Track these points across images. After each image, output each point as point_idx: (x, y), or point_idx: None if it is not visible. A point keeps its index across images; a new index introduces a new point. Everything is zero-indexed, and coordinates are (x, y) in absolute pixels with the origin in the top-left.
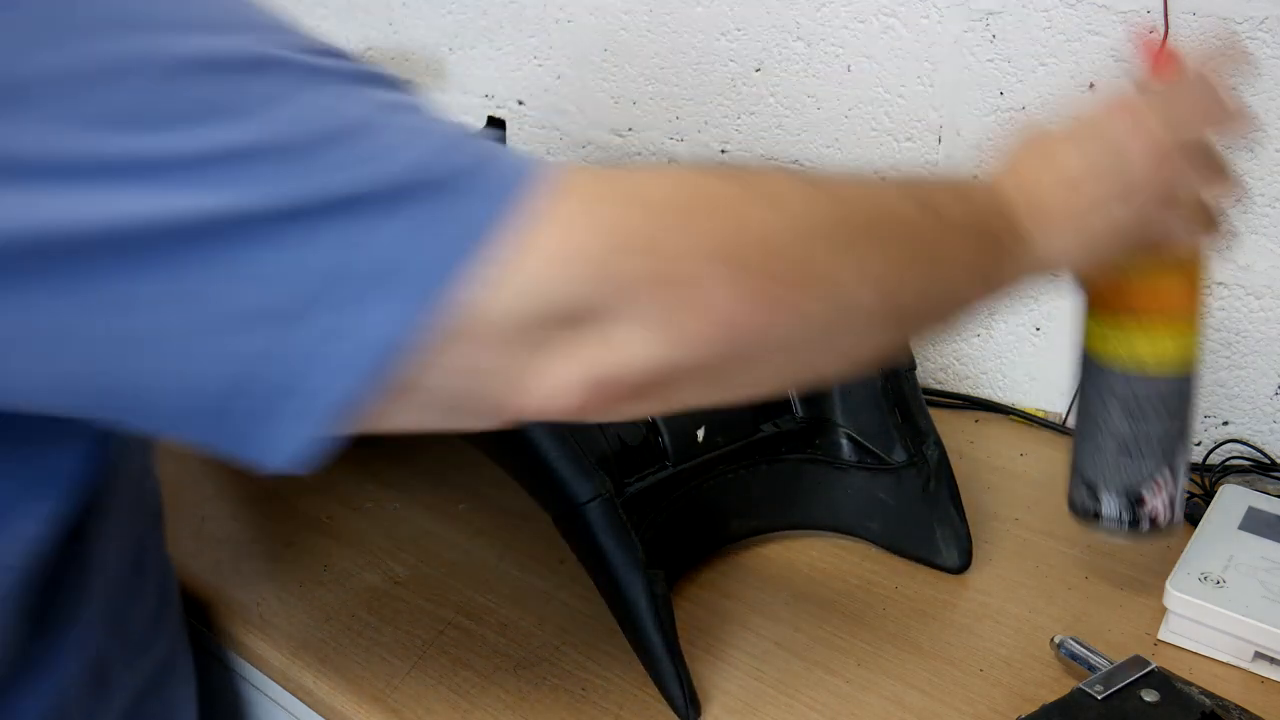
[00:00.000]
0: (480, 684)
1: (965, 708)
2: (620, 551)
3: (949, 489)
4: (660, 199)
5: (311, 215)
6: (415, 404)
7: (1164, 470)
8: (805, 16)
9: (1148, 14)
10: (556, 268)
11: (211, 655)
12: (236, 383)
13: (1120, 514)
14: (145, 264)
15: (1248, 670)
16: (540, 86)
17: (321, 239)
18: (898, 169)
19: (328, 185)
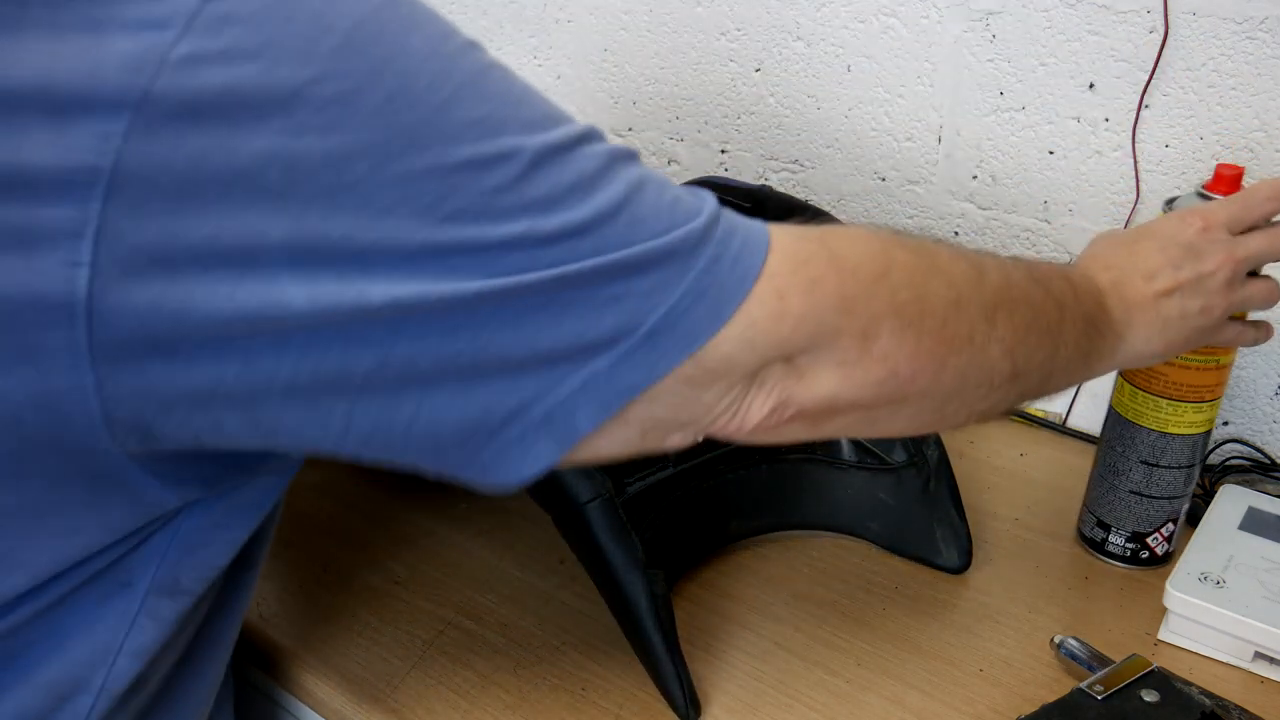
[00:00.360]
0: (480, 684)
1: (965, 708)
2: (620, 551)
3: (949, 489)
4: (854, 264)
5: (600, 278)
6: (633, 430)
7: (1170, 512)
8: (805, 16)
9: (1148, 14)
10: (777, 323)
11: None
12: (508, 416)
13: (1125, 548)
14: (482, 321)
15: (1248, 670)
16: (540, 86)
17: (607, 300)
18: (896, 169)
19: (614, 255)
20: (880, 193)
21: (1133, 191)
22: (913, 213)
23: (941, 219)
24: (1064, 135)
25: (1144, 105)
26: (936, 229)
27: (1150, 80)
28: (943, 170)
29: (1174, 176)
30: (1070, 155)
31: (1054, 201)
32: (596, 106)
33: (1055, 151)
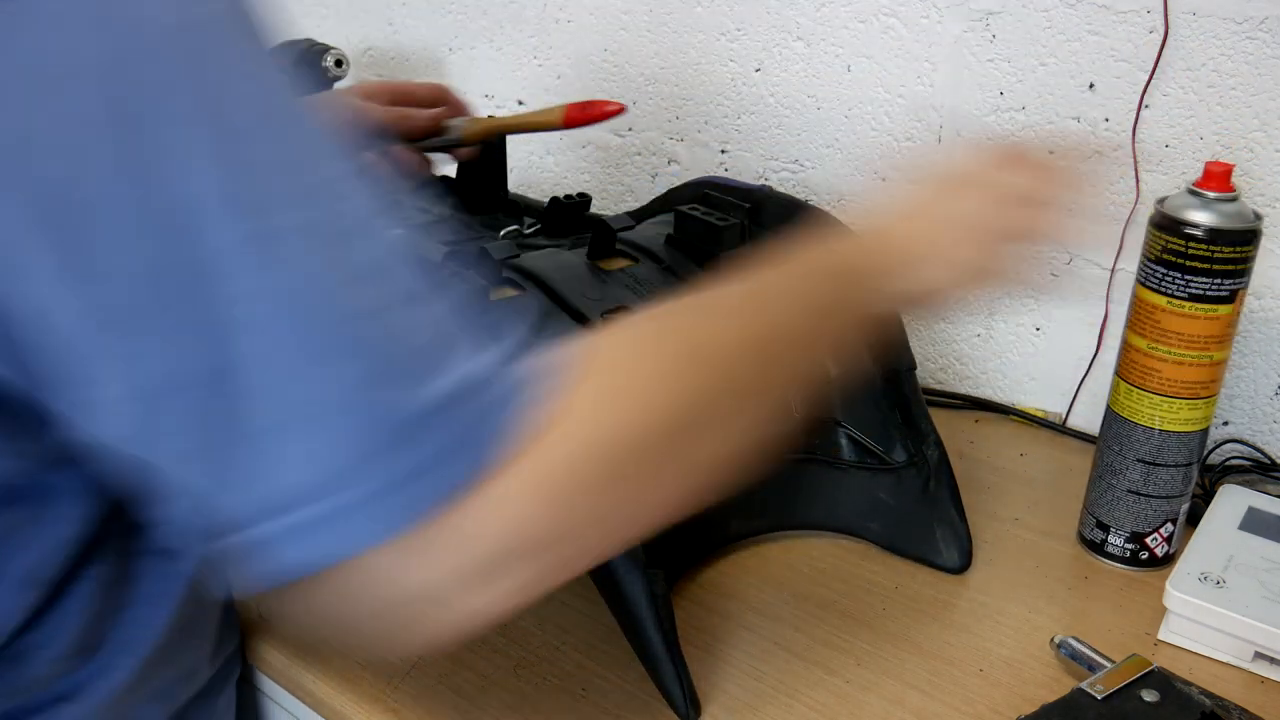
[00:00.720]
0: (480, 684)
1: (965, 708)
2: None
3: (949, 489)
4: (581, 465)
5: None
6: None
7: (1169, 512)
8: (805, 16)
9: (1148, 14)
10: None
11: None
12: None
13: (1124, 549)
14: None
15: (1248, 670)
16: (540, 86)
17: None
18: (896, 168)
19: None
20: (880, 193)
21: (1133, 191)
22: None
23: None
24: (1064, 135)
25: (1144, 105)
26: None
27: (1150, 80)
28: None
29: (1174, 176)
30: (1070, 155)
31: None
32: None
33: (1055, 151)
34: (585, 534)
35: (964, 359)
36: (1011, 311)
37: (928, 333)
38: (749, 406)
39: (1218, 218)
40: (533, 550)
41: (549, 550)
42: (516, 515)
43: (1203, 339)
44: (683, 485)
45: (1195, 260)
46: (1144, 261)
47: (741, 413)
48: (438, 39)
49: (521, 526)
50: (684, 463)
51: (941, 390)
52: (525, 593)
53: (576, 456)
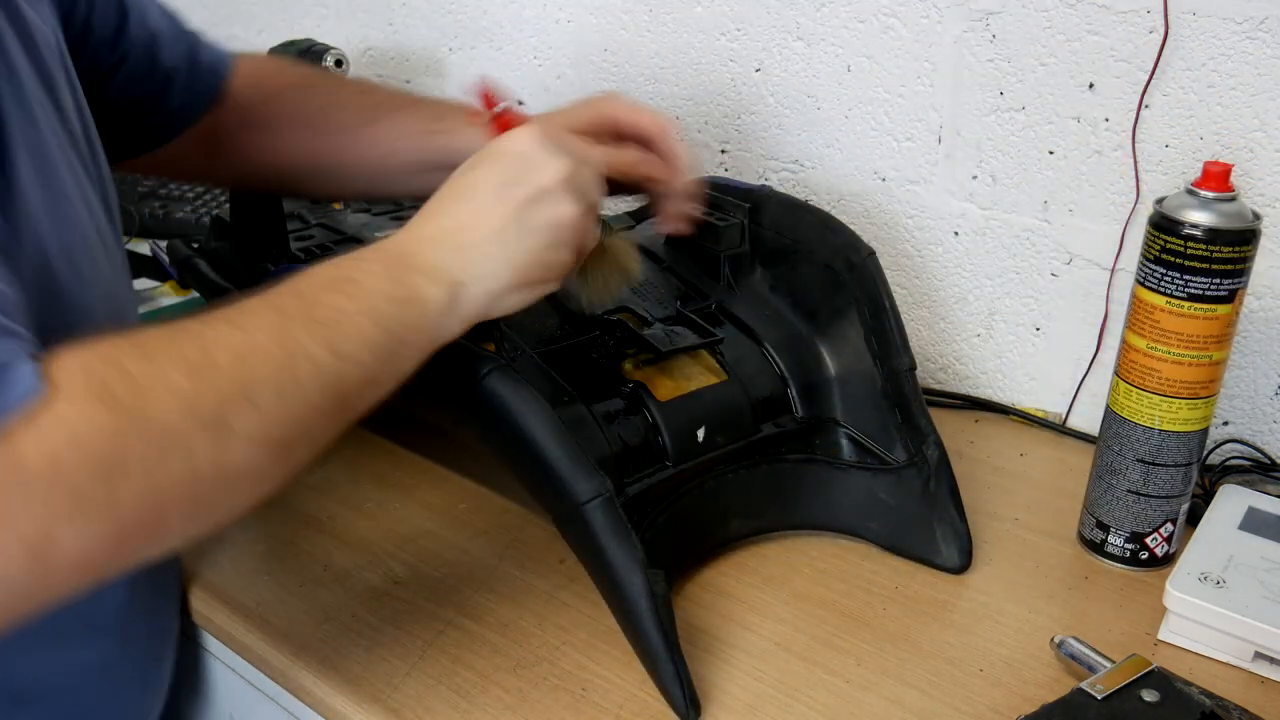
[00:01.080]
0: (480, 684)
1: (965, 708)
2: (620, 551)
3: (949, 489)
4: (23, 459)
5: None
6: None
7: (1168, 512)
8: (805, 16)
9: (1148, 14)
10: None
11: (211, 654)
12: None
13: (1124, 549)
14: None
15: (1248, 670)
16: (540, 86)
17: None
18: (896, 169)
19: None
20: (880, 193)
21: (1133, 191)
22: (912, 213)
23: (941, 219)
24: (1064, 135)
25: (1144, 105)
26: (936, 229)
27: (1150, 80)
28: (943, 170)
29: (1174, 176)
30: (1070, 155)
31: (1054, 201)
32: None
33: (1055, 151)
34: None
35: (964, 359)
36: (1011, 311)
37: (928, 333)
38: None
39: (1216, 218)
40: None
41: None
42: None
43: (1202, 339)
44: (173, 493)
45: (1194, 260)
46: (1143, 261)
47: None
48: (438, 39)
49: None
50: (172, 470)
51: (941, 390)
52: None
53: (59, 445)
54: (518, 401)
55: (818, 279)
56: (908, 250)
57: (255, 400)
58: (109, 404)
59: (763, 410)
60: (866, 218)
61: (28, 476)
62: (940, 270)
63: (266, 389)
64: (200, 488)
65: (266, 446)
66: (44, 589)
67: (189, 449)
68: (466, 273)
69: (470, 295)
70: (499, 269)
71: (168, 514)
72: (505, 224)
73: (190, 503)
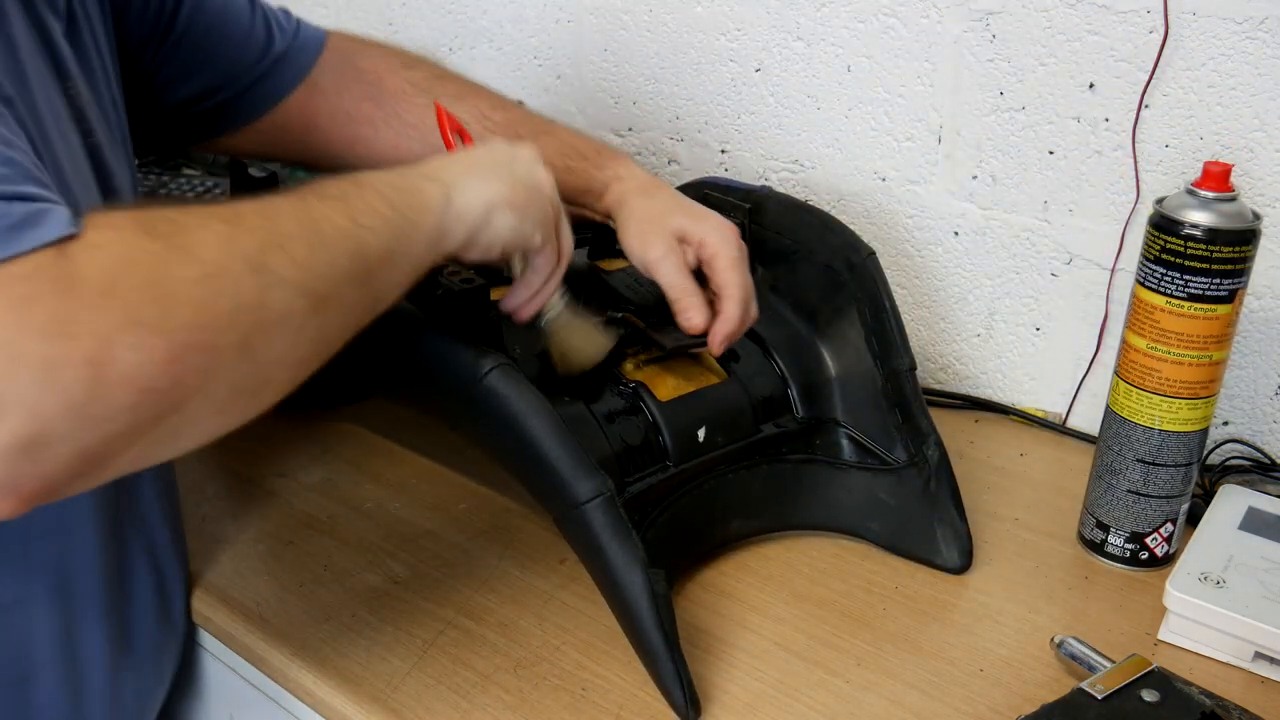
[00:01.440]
0: (480, 684)
1: (965, 708)
2: (621, 551)
3: (950, 489)
4: (82, 276)
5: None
6: None
7: (1168, 512)
8: (805, 16)
9: (1148, 14)
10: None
11: (211, 654)
12: None
13: (1124, 549)
14: None
15: (1248, 670)
16: (540, 86)
17: None
18: (896, 169)
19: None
20: (880, 193)
21: (1133, 191)
22: (913, 212)
23: (941, 219)
24: (1064, 135)
25: (1144, 105)
26: (936, 229)
27: (1150, 80)
28: (943, 170)
29: (1174, 176)
30: (1070, 155)
31: (1054, 201)
32: (596, 106)
33: (1055, 151)
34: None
35: (964, 359)
36: (1011, 311)
37: (928, 333)
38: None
39: (1216, 218)
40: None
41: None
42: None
43: (1202, 339)
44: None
45: (1194, 260)
46: (1143, 261)
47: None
48: (438, 39)
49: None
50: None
51: (941, 390)
52: (38, 452)
53: (114, 264)
54: (519, 401)
55: (818, 279)
56: (908, 250)
57: (287, 248)
58: (154, 235)
59: (763, 410)
60: (866, 218)
61: (86, 294)
62: (940, 270)
63: (296, 241)
64: (245, 322)
65: (303, 293)
66: (100, 403)
67: (234, 282)
68: (462, 178)
69: (466, 196)
70: (491, 182)
71: (217, 344)
72: (495, 161)
73: (238, 337)
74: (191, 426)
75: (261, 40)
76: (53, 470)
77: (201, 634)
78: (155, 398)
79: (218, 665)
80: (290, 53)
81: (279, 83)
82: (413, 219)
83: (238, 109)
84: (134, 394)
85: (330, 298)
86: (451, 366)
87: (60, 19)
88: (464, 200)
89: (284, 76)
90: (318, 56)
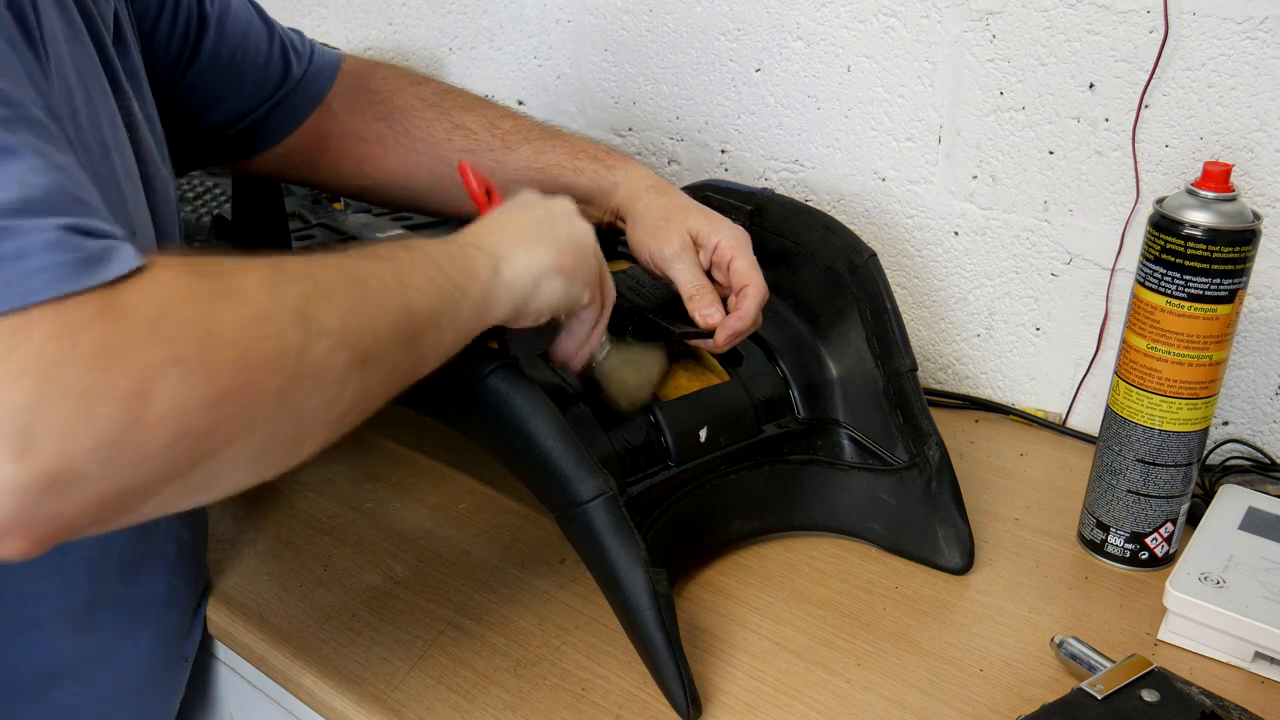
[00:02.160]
0: (480, 684)
1: (965, 708)
2: (623, 550)
3: (951, 489)
4: (128, 307)
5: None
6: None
7: (1168, 512)
8: (805, 16)
9: (1148, 14)
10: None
11: (211, 654)
12: None
13: (1124, 549)
14: None
15: (1248, 670)
16: (540, 86)
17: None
18: (896, 169)
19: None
20: (880, 193)
21: (1133, 191)
22: (913, 213)
23: (941, 219)
24: (1064, 135)
25: (1144, 105)
26: (936, 229)
27: (1150, 80)
28: (943, 170)
29: (1174, 176)
30: (1070, 155)
31: (1054, 201)
32: (596, 106)
33: (1055, 151)
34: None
35: (964, 359)
36: (1011, 311)
37: (928, 333)
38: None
39: (1216, 218)
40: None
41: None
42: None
43: (1202, 339)
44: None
45: (1194, 260)
46: (1143, 261)
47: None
48: (438, 39)
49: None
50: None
51: (941, 390)
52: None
53: (161, 302)
54: (521, 400)
55: (819, 281)
56: (908, 250)
57: (333, 300)
58: (201, 275)
59: (765, 411)
60: (867, 218)
61: (131, 325)
62: (940, 270)
63: (341, 294)
64: (286, 370)
65: (346, 348)
66: (135, 442)
67: (277, 328)
68: (510, 249)
69: (514, 268)
70: (537, 249)
71: (258, 389)
72: (537, 223)
73: (278, 385)
74: (223, 475)
75: (279, 68)
76: (73, 512)
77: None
78: (191, 442)
79: (218, 665)
80: (306, 78)
81: (296, 109)
82: (461, 285)
83: (256, 135)
84: (170, 435)
85: (372, 356)
86: (453, 366)
87: (109, 32)
88: (513, 272)
89: (300, 103)
90: (332, 81)
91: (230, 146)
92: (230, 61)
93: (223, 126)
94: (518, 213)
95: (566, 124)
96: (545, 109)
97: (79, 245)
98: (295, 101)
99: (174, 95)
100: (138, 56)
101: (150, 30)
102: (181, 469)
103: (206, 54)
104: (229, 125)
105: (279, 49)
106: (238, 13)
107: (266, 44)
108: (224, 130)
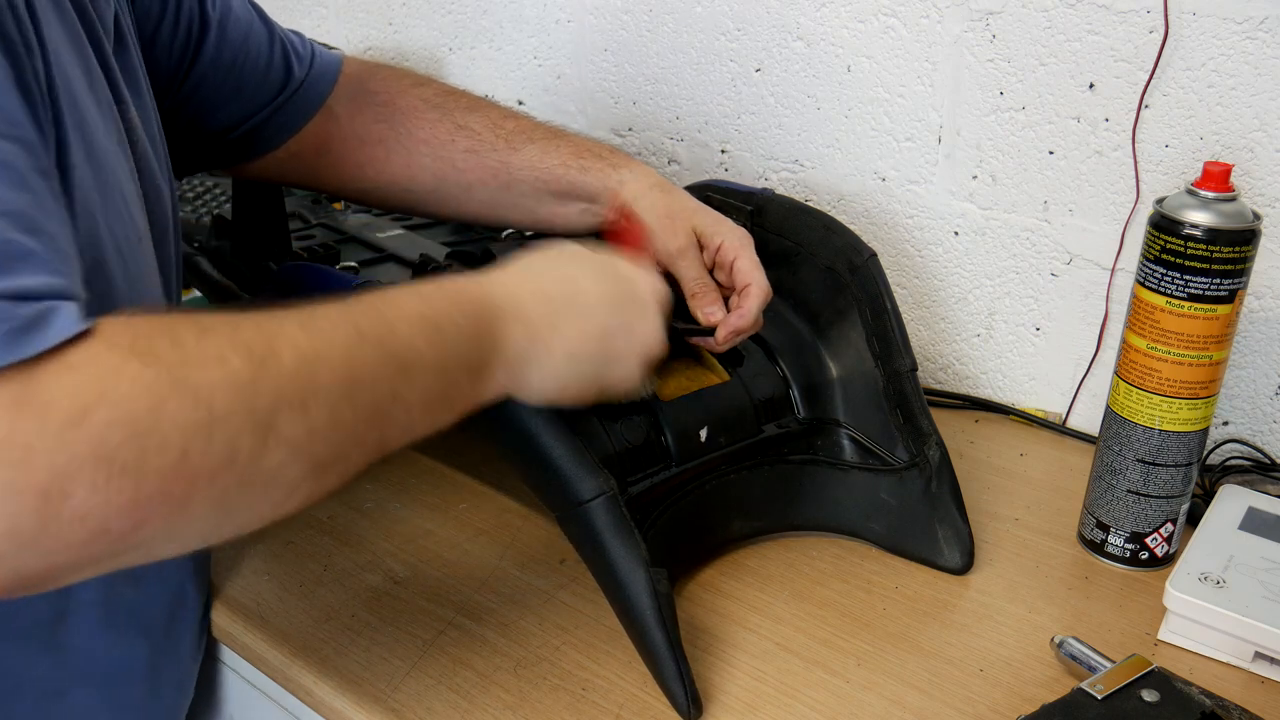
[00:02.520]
0: (480, 684)
1: (965, 708)
2: (624, 550)
3: (951, 489)
4: (46, 401)
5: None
6: None
7: (1169, 512)
8: (805, 16)
9: (1148, 14)
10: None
11: (211, 654)
12: None
13: (1124, 549)
14: None
15: (1248, 670)
16: (540, 86)
17: None
18: (896, 169)
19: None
20: (880, 193)
21: (1133, 191)
22: (913, 213)
23: (941, 219)
24: (1064, 135)
25: (1144, 105)
26: (936, 229)
27: (1150, 80)
28: (943, 170)
29: (1174, 176)
30: (1070, 155)
31: (1054, 201)
32: (596, 106)
33: (1055, 151)
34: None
35: (964, 359)
36: (1011, 311)
37: (928, 333)
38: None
39: (1216, 218)
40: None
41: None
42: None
43: (1202, 339)
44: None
45: (1194, 260)
46: (1143, 261)
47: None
48: (438, 39)
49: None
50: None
51: (941, 390)
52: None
53: (91, 396)
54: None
55: (820, 281)
56: (908, 250)
57: (308, 409)
58: (155, 366)
59: (765, 411)
60: (867, 218)
61: (51, 421)
62: (940, 270)
63: (322, 402)
64: (231, 481)
65: (305, 460)
66: (49, 540)
67: (229, 437)
68: (538, 374)
69: (527, 387)
70: (583, 365)
71: (193, 498)
72: (594, 349)
73: (217, 494)
74: (149, 557)
75: (281, 72)
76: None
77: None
78: (110, 539)
79: (218, 665)
80: (308, 82)
81: (297, 113)
82: (456, 405)
83: (257, 139)
84: (87, 533)
85: (331, 464)
86: None
87: (109, 36)
88: (522, 390)
89: (302, 106)
90: (333, 84)
91: (231, 150)
92: (232, 65)
93: (224, 130)
94: (588, 316)
95: (567, 124)
96: (545, 109)
97: (8, 314)
98: (297, 105)
99: (175, 99)
100: (138, 60)
101: (152, 33)
102: (100, 559)
103: (208, 57)
104: (230, 129)
105: (280, 52)
106: (239, 15)
107: (267, 47)
108: (225, 134)
